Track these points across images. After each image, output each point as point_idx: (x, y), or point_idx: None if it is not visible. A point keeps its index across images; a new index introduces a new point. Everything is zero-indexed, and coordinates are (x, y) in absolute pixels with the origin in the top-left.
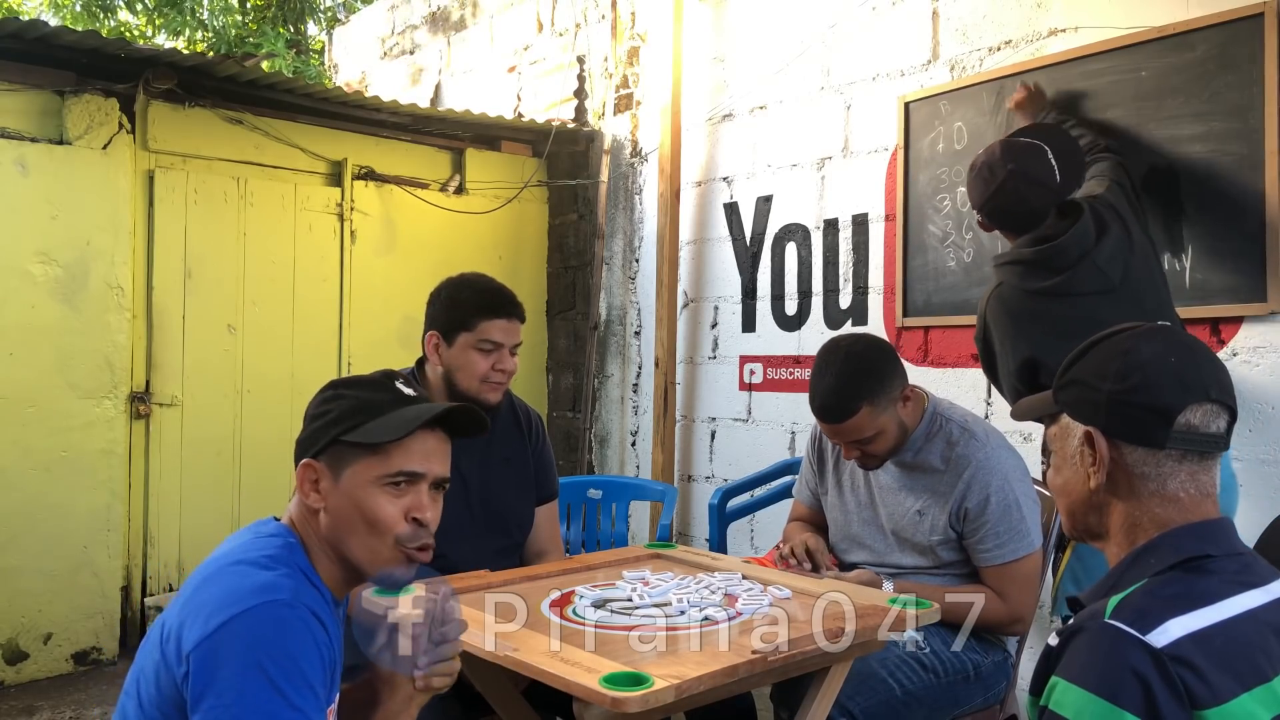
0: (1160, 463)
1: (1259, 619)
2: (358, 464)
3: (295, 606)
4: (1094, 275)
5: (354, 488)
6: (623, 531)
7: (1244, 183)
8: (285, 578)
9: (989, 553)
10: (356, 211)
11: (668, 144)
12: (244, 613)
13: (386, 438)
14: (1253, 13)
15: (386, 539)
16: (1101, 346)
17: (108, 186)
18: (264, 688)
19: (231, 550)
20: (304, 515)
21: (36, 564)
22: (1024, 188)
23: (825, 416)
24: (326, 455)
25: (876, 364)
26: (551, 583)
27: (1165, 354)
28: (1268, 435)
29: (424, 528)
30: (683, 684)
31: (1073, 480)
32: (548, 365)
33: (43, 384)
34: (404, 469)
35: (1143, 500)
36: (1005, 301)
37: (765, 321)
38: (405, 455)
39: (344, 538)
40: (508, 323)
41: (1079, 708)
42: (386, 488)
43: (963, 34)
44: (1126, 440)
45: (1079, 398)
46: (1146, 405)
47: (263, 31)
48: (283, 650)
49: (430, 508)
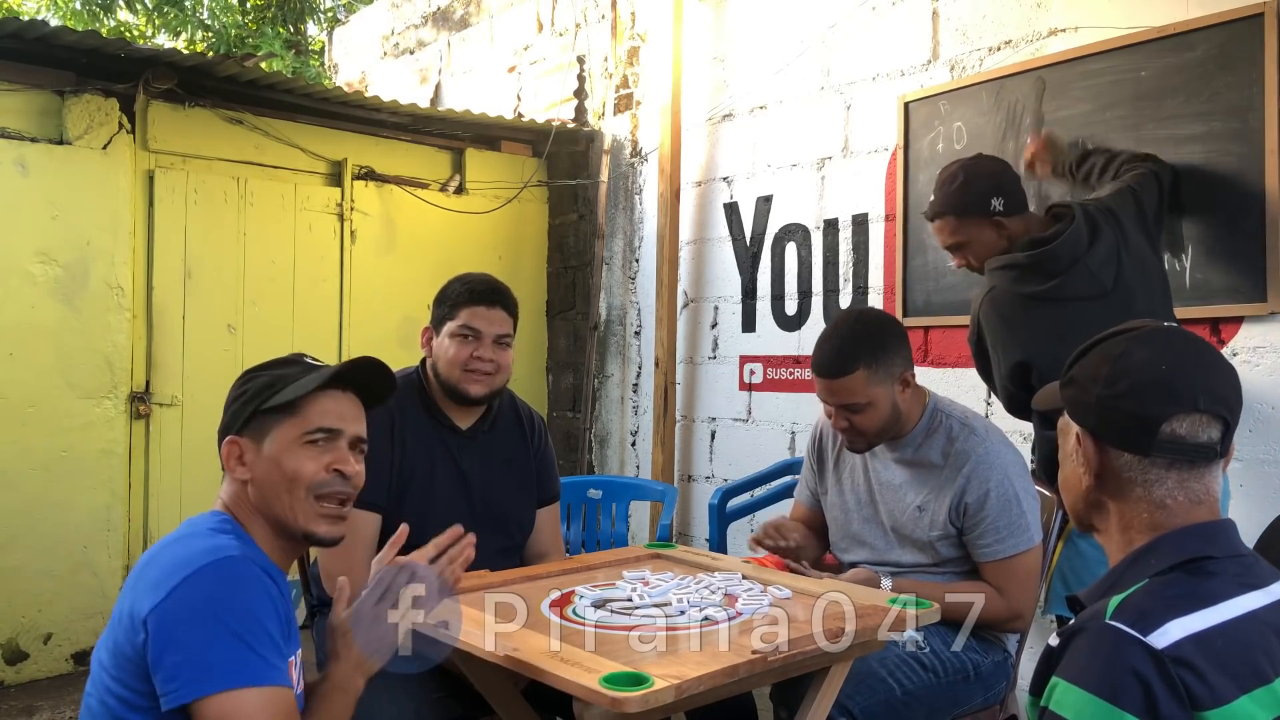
0: (1146, 469)
1: (1260, 620)
2: (277, 429)
3: (244, 562)
4: (1086, 280)
5: (276, 451)
6: (623, 531)
7: (1244, 183)
8: (231, 539)
9: (988, 548)
10: (356, 211)
11: (668, 144)
12: (195, 572)
13: (298, 394)
14: (1253, 13)
15: (304, 492)
16: (1099, 348)
17: (108, 186)
18: (223, 636)
19: (170, 536)
20: (234, 493)
21: (37, 564)
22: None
23: (821, 370)
24: (248, 430)
25: (883, 334)
26: (551, 583)
27: (1156, 361)
28: (1268, 435)
29: (347, 479)
30: (683, 684)
31: (1071, 476)
32: (548, 365)
33: (43, 384)
34: (320, 425)
35: (1133, 503)
36: (998, 305)
37: (765, 321)
38: (320, 413)
39: (270, 501)
40: (489, 310)
41: (1079, 708)
42: (306, 446)
43: (963, 34)
44: (1113, 445)
45: (1075, 397)
46: (1130, 413)
47: (262, 32)
48: (239, 602)
49: (351, 462)
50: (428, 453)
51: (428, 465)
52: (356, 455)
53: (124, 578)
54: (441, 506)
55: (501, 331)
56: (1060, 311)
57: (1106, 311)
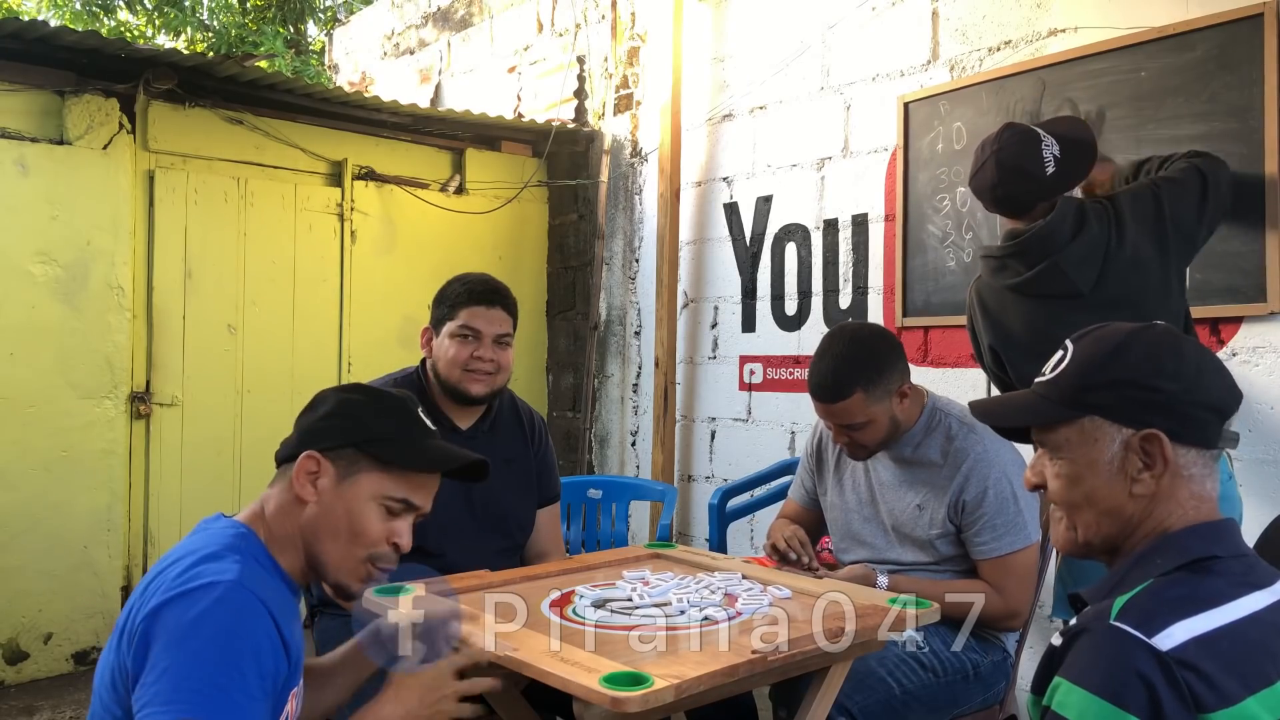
0: (1206, 463)
1: (1264, 621)
2: (368, 476)
3: (237, 589)
4: (1057, 278)
5: (355, 497)
6: (623, 531)
7: (1243, 183)
8: (233, 563)
9: (985, 545)
10: (356, 211)
11: (668, 144)
12: (183, 594)
13: (415, 467)
14: (1253, 13)
15: (362, 553)
16: (1138, 346)
17: (108, 186)
18: (194, 665)
19: (182, 545)
20: (280, 504)
21: (37, 564)
22: (1002, 173)
23: (818, 395)
24: (337, 455)
25: (878, 353)
26: (551, 583)
27: (1206, 352)
28: (1268, 435)
29: (398, 552)
30: (683, 684)
31: (1106, 489)
32: (548, 365)
33: (43, 384)
34: (409, 499)
35: (1180, 504)
36: (981, 294)
37: (765, 321)
38: (416, 487)
39: (322, 537)
40: (488, 310)
41: (1083, 709)
42: (381, 507)
43: (963, 34)
44: (1188, 442)
45: (1129, 400)
46: (1209, 405)
47: (261, 31)
48: (214, 628)
49: (408, 536)
50: None
51: None
52: (412, 528)
53: (124, 577)
54: (441, 507)
55: (501, 331)
56: (1033, 307)
57: (1081, 314)
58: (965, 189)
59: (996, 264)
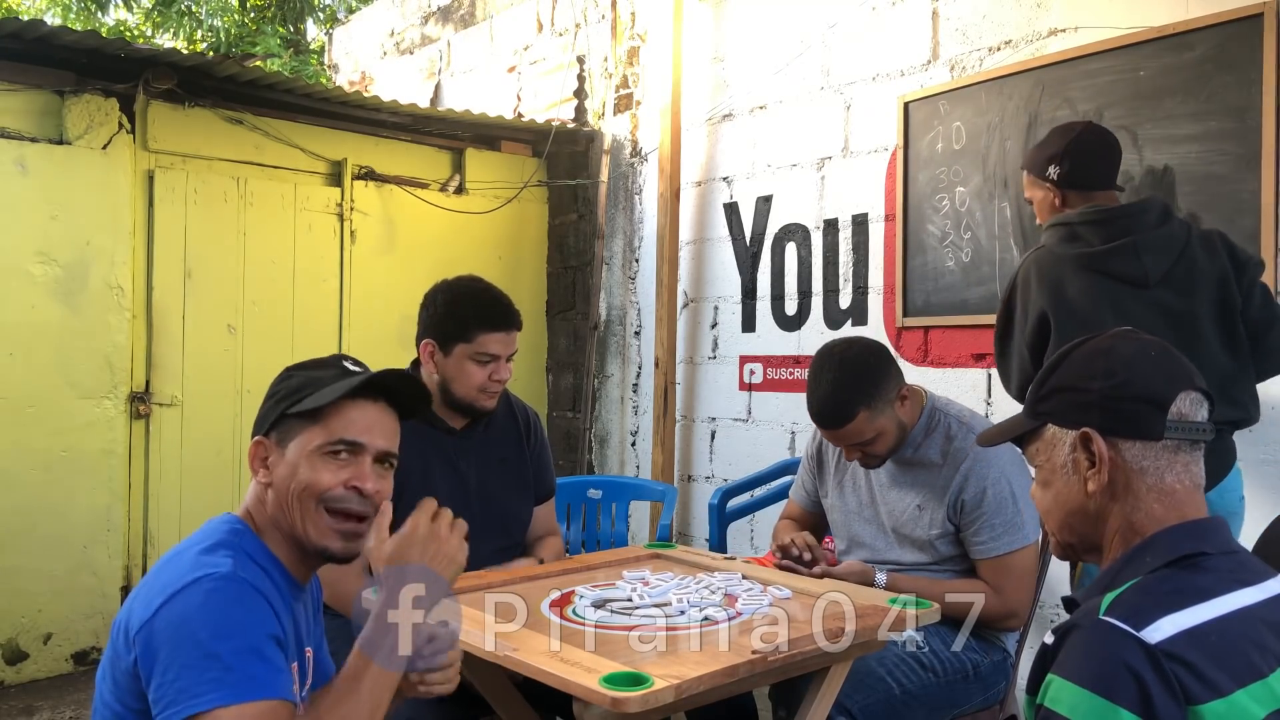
0: (1158, 455)
1: (1253, 616)
2: (301, 435)
3: (232, 580)
4: (1130, 259)
5: (297, 458)
6: (623, 531)
7: (1242, 183)
8: (225, 557)
9: (984, 545)
10: (356, 211)
11: (667, 144)
12: (179, 591)
13: (322, 402)
14: (1252, 13)
15: (314, 503)
16: (1077, 354)
17: (108, 186)
18: (199, 657)
19: (180, 543)
20: (256, 496)
21: (36, 564)
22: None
23: (823, 423)
24: (276, 431)
25: (871, 368)
26: (551, 583)
27: (1144, 349)
28: (1268, 435)
29: (365, 497)
30: (683, 684)
31: (1066, 491)
32: (548, 365)
33: (43, 384)
34: (343, 437)
35: (1140, 498)
36: (1040, 263)
37: (765, 321)
38: (344, 424)
39: (285, 506)
40: (506, 335)
41: (1074, 704)
42: (327, 457)
43: (963, 34)
44: (1124, 435)
45: (1066, 403)
46: (1139, 397)
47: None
48: (220, 619)
49: (373, 479)
50: (422, 455)
51: (423, 468)
52: (382, 471)
53: (124, 577)
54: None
55: (514, 350)
56: (1094, 282)
57: (1139, 305)
58: (965, 189)
59: (1068, 231)
